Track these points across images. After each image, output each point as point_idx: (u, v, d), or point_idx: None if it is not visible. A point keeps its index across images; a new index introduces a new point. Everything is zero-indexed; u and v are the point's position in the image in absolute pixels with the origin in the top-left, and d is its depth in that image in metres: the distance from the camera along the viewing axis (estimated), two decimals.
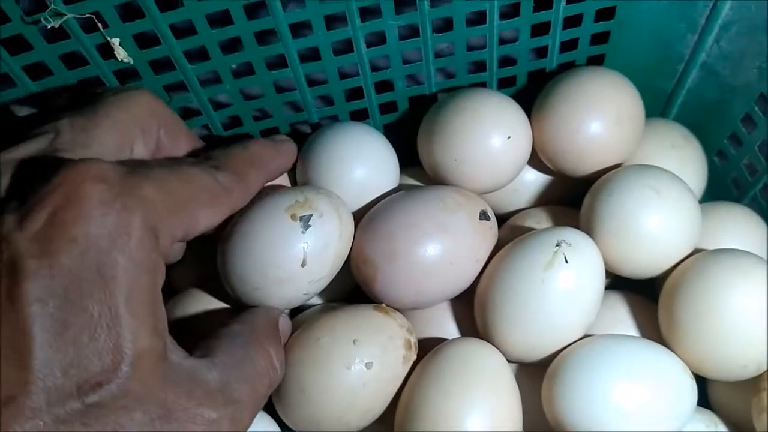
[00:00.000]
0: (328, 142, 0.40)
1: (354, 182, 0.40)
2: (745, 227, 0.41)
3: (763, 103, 0.40)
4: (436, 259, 0.36)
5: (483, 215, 0.38)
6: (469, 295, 0.39)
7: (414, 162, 0.43)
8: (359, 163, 0.40)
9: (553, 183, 0.45)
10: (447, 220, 0.37)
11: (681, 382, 0.35)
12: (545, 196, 0.45)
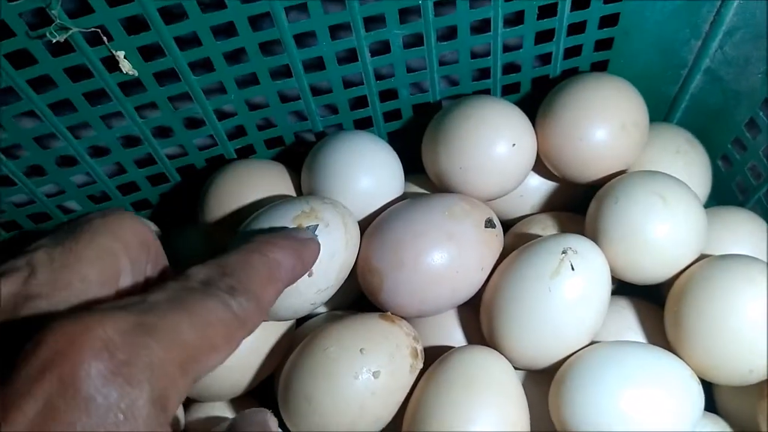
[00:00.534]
0: (333, 151, 0.40)
1: (359, 191, 0.40)
2: (750, 231, 0.41)
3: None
4: (442, 267, 0.37)
5: (488, 223, 0.38)
6: (475, 302, 0.39)
7: (419, 169, 0.43)
8: (364, 171, 0.40)
9: (559, 189, 0.45)
10: (453, 229, 0.37)
11: (688, 387, 0.35)
12: (551, 202, 0.45)
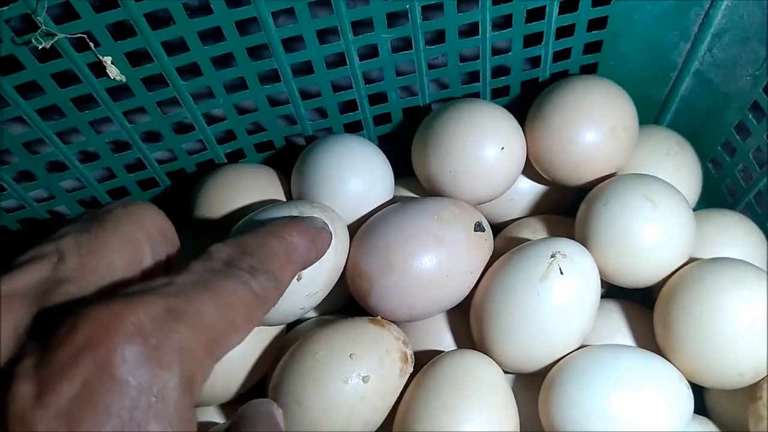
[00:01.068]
0: (323, 155, 0.40)
1: (349, 194, 0.40)
2: (740, 234, 0.41)
3: (757, 111, 0.40)
4: (432, 271, 0.36)
5: (478, 227, 0.38)
6: (465, 306, 0.39)
7: (409, 173, 0.43)
8: (354, 175, 0.40)
9: (549, 192, 0.45)
10: (442, 233, 0.37)
11: (677, 390, 0.35)
12: (541, 205, 0.45)
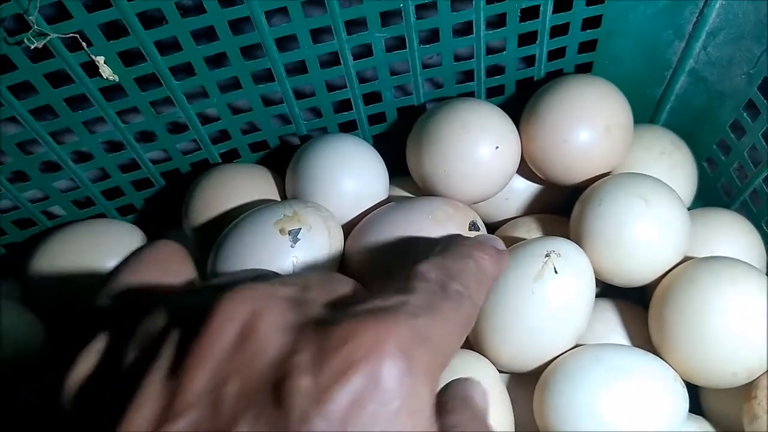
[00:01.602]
0: (317, 155, 0.40)
1: (343, 194, 0.40)
2: (735, 233, 0.41)
3: (752, 110, 0.40)
4: None
5: (472, 226, 0.38)
6: None
7: (404, 172, 0.43)
8: (348, 174, 0.40)
9: (544, 191, 0.45)
10: (436, 233, 0.37)
11: (673, 389, 0.35)
12: (536, 205, 0.45)
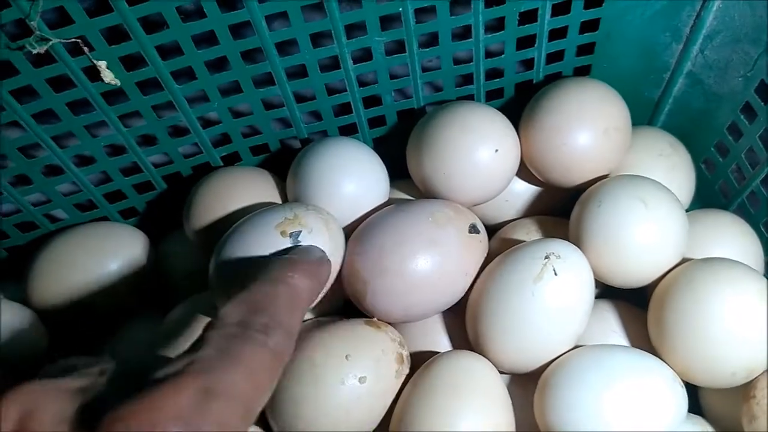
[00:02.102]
0: (318, 158, 0.41)
1: (344, 197, 0.40)
2: (733, 234, 0.41)
3: (749, 112, 0.40)
4: (426, 273, 0.37)
5: (472, 229, 0.39)
6: (461, 307, 0.39)
7: (404, 174, 0.43)
8: (349, 177, 0.40)
9: (543, 193, 0.45)
10: (436, 235, 0.37)
11: (672, 390, 0.35)
12: (535, 207, 0.45)
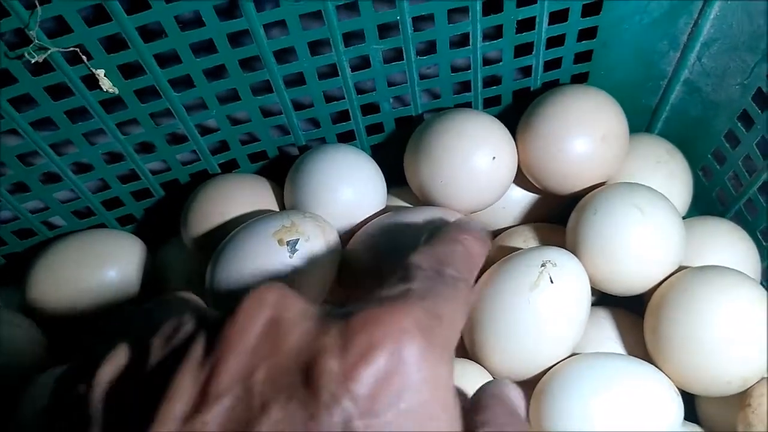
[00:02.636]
0: (316, 165, 0.41)
1: (341, 204, 0.40)
2: (730, 242, 0.41)
3: (746, 120, 0.40)
4: None
5: None
6: None
7: (401, 182, 0.44)
8: (346, 184, 0.40)
9: (541, 201, 0.45)
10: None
11: (668, 398, 0.35)
12: (533, 214, 0.45)
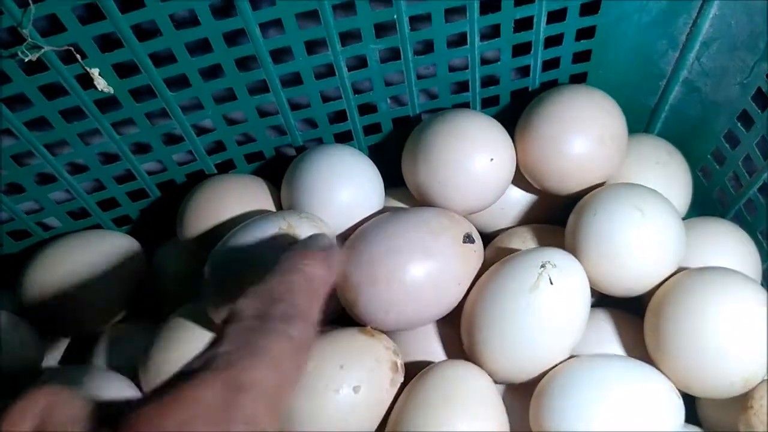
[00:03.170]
0: (313, 165, 0.40)
1: (338, 205, 0.40)
2: (730, 243, 0.41)
3: (745, 120, 0.40)
4: (418, 282, 0.36)
5: (467, 238, 0.38)
6: (456, 316, 0.39)
7: (399, 183, 0.43)
8: (344, 185, 0.40)
9: (539, 201, 0.45)
10: (429, 244, 0.37)
11: (668, 400, 0.35)
12: (531, 214, 0.45)
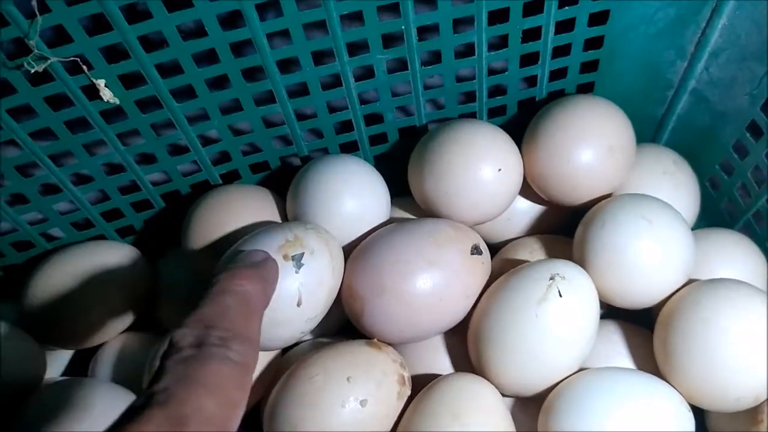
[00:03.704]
0: (319, 175, 0.40)
1: (344, 215, 0.40)
2: (739, 254, 0.40)
3: (755, 130, 0.40)
4: (425, 294, 0.36)
5: (475, 249, 0.38)
6: (463, 328, 0.38)
7: (405, 193, 0.43)
8: (350, 195, 0.40)
9: (547, 212, 0.44)
10: (436, 256, 0.36)
11: (678, 413, 0.34)
12: (539, 225, 0.45)
